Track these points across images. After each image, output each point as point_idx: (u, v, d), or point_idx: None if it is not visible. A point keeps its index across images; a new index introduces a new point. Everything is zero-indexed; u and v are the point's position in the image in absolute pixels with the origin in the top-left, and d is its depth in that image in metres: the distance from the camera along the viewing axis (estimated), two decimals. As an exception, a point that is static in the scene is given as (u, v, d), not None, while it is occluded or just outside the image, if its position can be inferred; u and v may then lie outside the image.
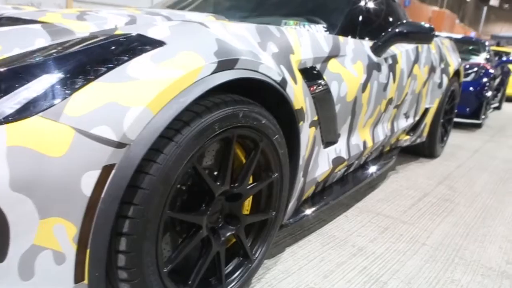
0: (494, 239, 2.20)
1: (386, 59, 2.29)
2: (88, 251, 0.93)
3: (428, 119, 3.35)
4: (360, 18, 2.24)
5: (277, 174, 1.39)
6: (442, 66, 3.38)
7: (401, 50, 2.56)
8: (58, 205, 0.87)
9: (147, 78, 0.95)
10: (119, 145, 0.90)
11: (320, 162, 1.80)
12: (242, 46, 1.20)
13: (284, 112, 1.41)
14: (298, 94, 1.42)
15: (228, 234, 1.28)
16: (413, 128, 3.23)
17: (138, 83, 0.94)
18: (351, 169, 2.31)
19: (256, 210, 1.43)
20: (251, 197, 1.40)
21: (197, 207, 1.18)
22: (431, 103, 3.31)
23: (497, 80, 7.10)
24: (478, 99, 5.49)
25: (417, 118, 3.15)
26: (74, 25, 1.30)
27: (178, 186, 1.13)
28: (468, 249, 2.05)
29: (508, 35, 24.70)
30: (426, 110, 3.29)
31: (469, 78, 5.56)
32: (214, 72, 1.06)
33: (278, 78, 1.29)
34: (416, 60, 2.80)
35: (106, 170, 0.90)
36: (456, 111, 5.33)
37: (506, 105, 8.75)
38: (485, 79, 5.60)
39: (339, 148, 1.97)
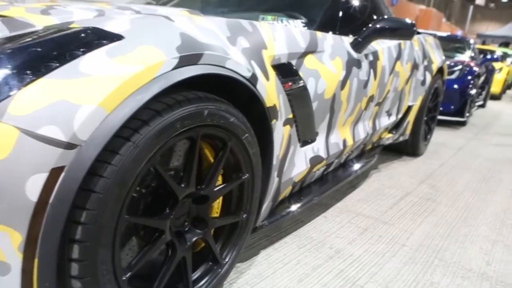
0: (475, 240, 2.18)
1: (366, 56, 2.25)
2: (36, 260, 0.86)
3: (411, 117, 3.32)
4: (341, 13, 2.19)
5: (248, 174, 1.33)
6: (425, 63, 3.36)
7: (383, 47, 2.52)
8: (1, 212, 0.80)
9: (101, 74, 0.89)
10: (69, 146, 0.84)
11: (297, 161, 1.75)
12: (208, 40, 1.13)
13: (255, 109, 1.35)
14: (270, 91, 1.36)
15: (195, 238, 1.22)
16: (396, 126, 3.20)
17: (90, 79, 0.88)
18: (331, 168, 2.26)
19: (226, 213, 1.37)
20: (221, 198, 1.35)
21: (161, 210, 1.11)
22: (414, 100, 3.28)
23: (482, 78, 7.13)
24: (463, 97, 5.50)
25: (399, 116, 3.12)
26: (37, 19, 1.22)
27: (138, 188, 1.07)
28: (449, 250, 2.02)
29: (494, 34, 24.96)
30: (409, 108, 3.26)
31: (453, 76, 5.56)
32: (175, 67, 1.00)
33: (248, 74, 1.23)
34: (399, 57, 2.76)
35: (55, 173, 0.84)
36: (441, 108, 5.35)
37: (490, 103, 8.82)
38: (469, 77, 5.60)
39: (317, 147, 1.92)
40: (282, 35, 1.56)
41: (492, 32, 27.12)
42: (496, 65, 8.64)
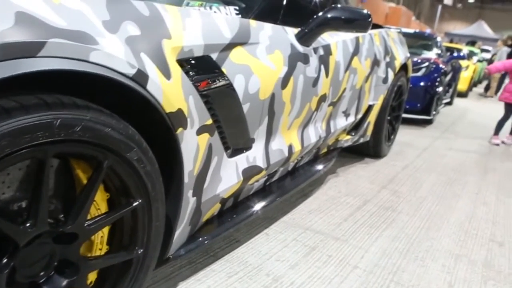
0: (437, 255, 1.94)
1: (316, 50, 1.97)
2: None
3: (372, 117, 3.08)
4: (285, 1, 1.91)
5: (140, 200, 1.03)
6: (387, 59, 3.12)
7: (337, 40, 2.26)
8: None
9: None
10: None
11: (224, 174, 1.46)
12: (66, 24, 0.82)
13: (151, 117, 1.05)
14: (171, 93, 1.06)
15: (58, 291, 0.91)
16: (355, 127, 2.95)
17: None
18: (275, 177, 1.98)
19: (116, 248, 1.07)
20: (107, 231, 1.04)
21: (-2, 259, 0.80)
22: (375, 99, 3.04)
23: (449, 76, 7.02)
24: (429, 94, 5.34)
25: (359, 116, 2.87)
26: None
27: None
28: (407, 270, 1.77)
29: (461, 33, 25.34)
30: (370, 107, 3.02)
31: (419, 73, 5.40)
32: (-8, 60, 0.69)
33: (130, 71, 0.92)
34: (356, 52, 2.50)
35: None
36: (407, 106, 5.17)
37: (457, 101, 8.77)
38: (436, 74, 5.46)
39: (254, 156, 1.64)
40: (197, 22, 1.26)
41: (460, 31, 27.57)
42: (463, 63, 8.58)
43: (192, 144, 1.20)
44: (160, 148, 1.14)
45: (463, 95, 9.60)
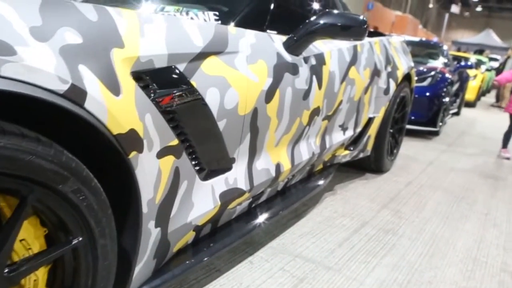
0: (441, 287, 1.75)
1: (306, 59, 1.82)
2: None
3: (373, 131, 2.90)
4: (272, 6, 1.76)
5: (81, 237, 0.87)
6: (389, 69, 2.95)
7: (331, 49, 2.10)
8: None
9: None
10: None
11: (197, 200, 1.30)
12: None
13: (98, 139, 0.89)
14: (121, 111, 0.91)
15: None
16: (354, 141, 2.77)
17: None
18: (262, 199, 1.81)
19: (57, 293, 0.91)
20: (42, 274, 0.88)
21: None
22: (376, 112, 2.87)
23: (456, 86, 6.83)
24: (435, 105, 5.15)
25: (358, 129, 2.69)
26: None
27: None
28: (406, 305, 1.59)
29: (468, 41, 25.12)
30: (370, 120, 2.84)
31: (425, 83, 5.22)
32: None
33: (60, 87, 0.77)
34: (354, 61, 2.34)
35: None
36: (412, 117, 4.98)
37: (465, 111, 8.55)
38: (442, 84, 5.27)
39: (234, 177, 1.48)
40: (160, 29, 1.10)
41: (467, 39, 27.35)
42: (471, 72, 8.38)
43: (152, 169, 1.04)
44: (115, 176, 0.99)
45: (471, 105, 9.39)
